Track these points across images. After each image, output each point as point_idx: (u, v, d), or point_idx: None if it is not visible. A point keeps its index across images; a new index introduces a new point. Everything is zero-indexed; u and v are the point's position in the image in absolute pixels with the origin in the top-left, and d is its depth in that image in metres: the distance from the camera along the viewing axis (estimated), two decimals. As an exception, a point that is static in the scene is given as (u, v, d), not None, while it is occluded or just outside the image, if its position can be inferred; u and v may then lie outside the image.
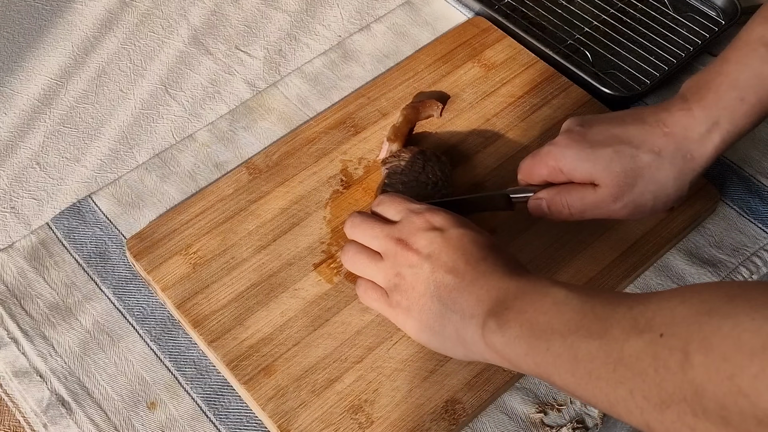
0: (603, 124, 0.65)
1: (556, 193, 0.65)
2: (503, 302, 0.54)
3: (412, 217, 0.60)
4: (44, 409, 0.64)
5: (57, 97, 0.83)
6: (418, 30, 0.87)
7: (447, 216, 0.59)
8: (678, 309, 0.44)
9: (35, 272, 0.70)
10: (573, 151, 0.63)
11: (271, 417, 0.61)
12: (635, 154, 0.62)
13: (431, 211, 0.60)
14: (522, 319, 0.52)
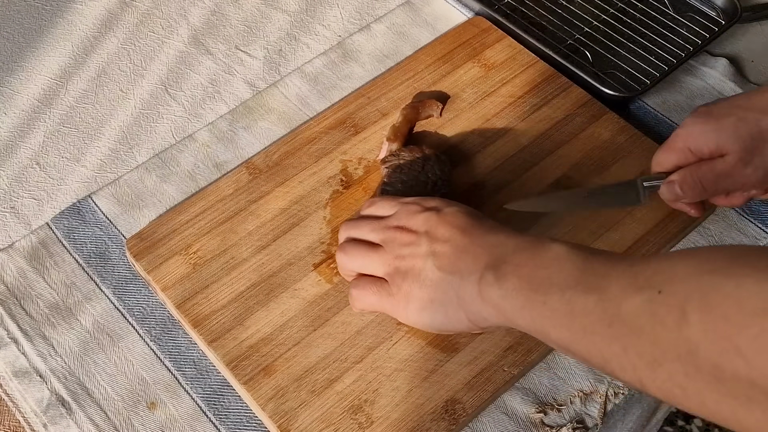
0: (726, 100, 0.67)
1: (687, 172, 0.66)
2: (501, 257, 0.54)
3: (407, 206, 0.62)
4: (44, 409, 0.64)
5: (57, 97, 0.83)
6: (418, 30, 0.87)
7: (440, 199, 0.62)
8: (679, 267, 0.44)
9: (35, 272, 0.70)
10: (699, 127, 0.65)
11: (271, 417, 0.61)
12: (760, 118, 0.63)
13: (424, 198, 0.62)
14: (520, 273, 0.53)
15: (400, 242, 0.60)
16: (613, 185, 0.70)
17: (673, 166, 0.67)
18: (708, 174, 0.65)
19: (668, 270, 0.45)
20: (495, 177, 0.74)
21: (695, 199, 0.67)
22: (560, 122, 0.77)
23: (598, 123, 0.77)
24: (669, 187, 0.67)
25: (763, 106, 0.64)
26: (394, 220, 0.62)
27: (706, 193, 0.66)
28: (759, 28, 0.88)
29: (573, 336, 0.49)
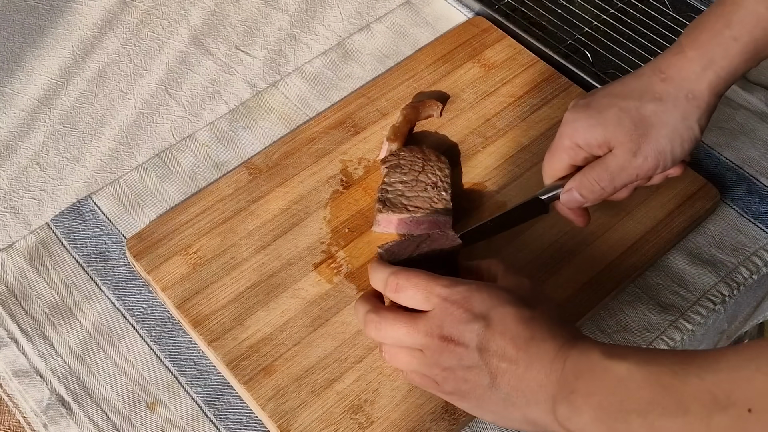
0: (604, 89, 0.66)
1: (581, 175, 0.65)
2: (566, 385, 0.52)
3: (449, 307, 0.55)
4: (44, 409, 0.64)
5: (57, 97, 0.83)
6: (418, 30, 0.87)
7: (482, 295, 0.55)
8: (758, 381, 0.43)
9: (35, 272, 0.70)
10: (582, 122, 0.64)
11: (271, 417, 0.61)
12: (639, 105, 0.63)
13: (465, 295, 0.55)
14: (592, 402, 0.50)
15: (449, 357, 0.55)
16: (514, 208, 0.69)
17: (565, 169, 0.66)
18: (602, 173, 0.64)
19: (746, 384, 0.44)
20: (495, 177, 0.74)
21: (596, 201, 0.65)
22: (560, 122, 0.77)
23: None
24: (569, 196, 0.66)
25: (641, 91, 0.63)
26: (437, 327, 0.55)
27: (605, 193, 0.65)
28: (759, 28, 0.88)
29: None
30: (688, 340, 0.68)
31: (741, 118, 0.80)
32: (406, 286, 0.57)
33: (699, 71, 0.62)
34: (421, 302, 0.56)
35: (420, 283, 0.56)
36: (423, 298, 0.56)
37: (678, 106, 0.62)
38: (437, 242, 0.62)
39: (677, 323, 0.68)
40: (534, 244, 0.70)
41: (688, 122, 0.63)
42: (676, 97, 0.62)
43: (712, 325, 0.70)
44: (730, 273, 0.70)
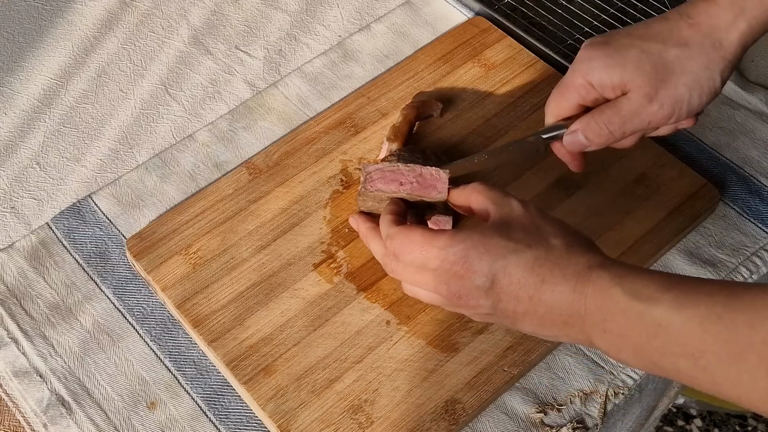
0: (625, 30, 0.63)
1: (591, 117, 0.62)
2: (595, 325, 0.50)
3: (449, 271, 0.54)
4: (44, 409, 0.64)
5: (57, 97, 0.83)
6: (418, 30, 0.87)
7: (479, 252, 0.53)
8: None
9: (35, 272, 0.70)
10: (600, 61, 0.61)
11: (271, 417, 0.61)
12: (662, 49, 0.60)
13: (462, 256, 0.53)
14: (630, 343, 0.49)
15: (464, 308, 0.55)
16: (512, 143, 0.66)
17: (573, 108, 0.63)
18: (614, 117, 0.60)
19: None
20: (495, 177, 0.74)
21: (601, 146, 0.63)
22: (560, 122, 0.77)
23: (598, 123, 0.77)
24: (572, 137, 0.63)
25: (665, 35, 0.60)
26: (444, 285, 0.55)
27: (612, 138, 0.62)
28: (759, 28, 0.88)
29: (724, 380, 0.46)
30: (688, 340, 0.68)
31: (741, 118, 0.80)
32: (403, 251, 0.56)
33: (730, 19, 0.59)
34: (422, 266, 0.55)
35: (415, 250, 0.55)
36: (422, 262, 0.55)
37: (703, 53, 0.59)
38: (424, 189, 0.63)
39: (677, 323, 0.68)
40: (534, 244, 0.70)
41: (710, 72, 0.60)
42: (702, 45, 0.59)
43: (712, 325, 0.70)
44: (730, 273, 0.70)
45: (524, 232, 0.53)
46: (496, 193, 0.57)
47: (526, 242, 0.53)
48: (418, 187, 0.63)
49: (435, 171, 0.62)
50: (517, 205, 0.55)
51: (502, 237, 0.53)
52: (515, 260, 0.52)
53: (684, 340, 0.46)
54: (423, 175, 0.63)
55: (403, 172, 0.63)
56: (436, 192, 0.62)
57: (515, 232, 0.53)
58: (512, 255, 0.52)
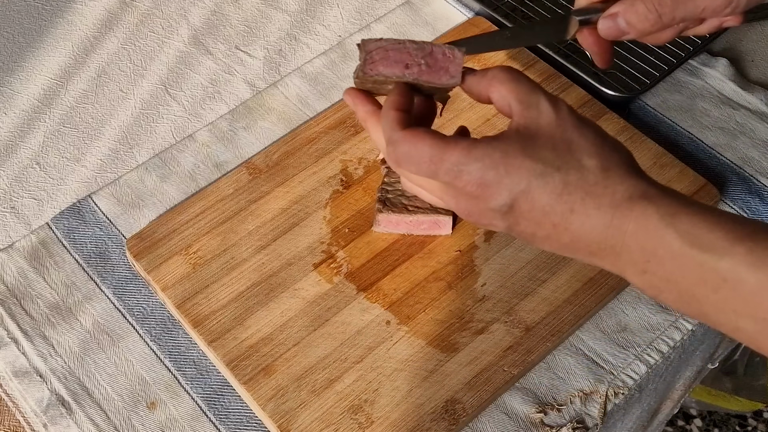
0: None
1: (640, 2, 0.54)
2: (634, 264, 0.45)
3: (462, 195, 0.47)
4: (44, 409, 0.64)
5: (57, 97, 0.83)
6: (418, 30, 0.87)
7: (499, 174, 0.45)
8: None
9: (35, 272, 0.70)
10: None
11: (271, 417, 0.61)
12: None
13: (478, 180, 0.46)
14: (678, 289, 0.44)
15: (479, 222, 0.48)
16: (541, 21, 0.61)
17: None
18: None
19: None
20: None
21: (642, 33, 0.55)
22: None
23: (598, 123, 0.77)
24: (610, 21, 0.55)
25: None
26: (454, 204, 0.49)
27: (659, 23, 0.54)
28: (759, 28, 0.88)
29: None
30: (688, 340, 0.68)
31: (741, 118, 0.80)
32: (409, 162, 0.48)
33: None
34: (430, 178, 0.48)
35: (423, 163, 0.47)
36: (431, 176, 0.47)
37: None
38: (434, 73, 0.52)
39: (677, 323, 0.68)
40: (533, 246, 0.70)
41: None
42: None
43: (712, 325, 0.70)
44: (730, 273, 0.70)
45: (553, 149, 0.46)
46: (523, 85, 0.48)
47: (554, 163, 0.45)
48: (426, 70, 0.52)
49: (448, 49, 0.52)
50: (547, 108, 0.47)
51: (526, 155, 0.45)
52: (540, 185, 0.45)
53: (757, 300, 0.41)
54: (434, 55, 0.52)
55: (410, 50, 0.52)
56: (447, 76, 0.52)
57: (542, 149, 0.46)
58: (537, 179, 0.45)
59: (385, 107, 0.50)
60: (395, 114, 0.49)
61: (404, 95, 0.51)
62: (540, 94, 0.47)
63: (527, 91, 0.47)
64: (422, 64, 0.52)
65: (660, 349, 0.67)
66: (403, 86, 0.51)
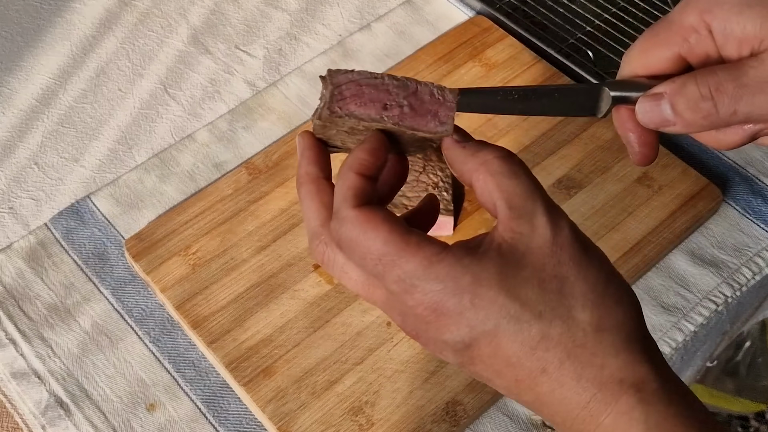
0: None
1: (689, 77, 0.40)
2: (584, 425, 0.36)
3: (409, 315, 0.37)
4: (43, 410, 0.64)
5: (56, 97, 0.83)
6: (418, 29, 0.86)
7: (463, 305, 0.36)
8: None
9: (33, 273, 0.70)
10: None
11: (270, 419, 0.61)
12: None
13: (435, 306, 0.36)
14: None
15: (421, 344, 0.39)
16: (567, 87, 0.45)
17: (667, 61, 0.41)
18: (728, 83, 0.38)
19: None
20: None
21: (691, 128, 0.40)
22: (562, 122, 0.77)
23: (600, 123, 0.76)
24: (651, 103, 0.40)
25: None
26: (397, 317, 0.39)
27: (714, 119, 0.40)
28: (761, 28, 0.88)
29: None
30: (691, 341, 0.68)
31: (743, 118, 0.80)
32: (353, 252, 0.37)
33: None
34: (374, 278, 0.38)
35: (369, 258, 0.37)
36: (376, 276, 0.37)
37: None
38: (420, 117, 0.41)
39: (679, 324, 0.67)
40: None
41: None
42: None
43: (714, 326, 0.70)
44: (733, 274, 0.70)
45: (538, 286, 0.36)
46: (520, 187, 0.37)
47: (535, 307, 0.35)
48: (410, 113, 0.41)
49: (437, 89, 0.41)
50: (544, 225, 0.36)
51: (502, 288, 0.35)
52: (511, 331, 0.35)
53: None
54: (419, 95, 0.41)
55: (390, 88, 0.41)
56: (436, 122, 0.41)
57: (525, 284, 0.36)
58: (509, 323, 0.35)
59: (345, 165, 0.39)
60: (356, 180, 0.38)
61: (377, 153, 0.39)
62: (538, 203, 0.37)
63: (522, 195, 0.37)
64: (405, 105, 0.41)
65: (662, 351, 0.66)
66: (380, 139, 0.40)
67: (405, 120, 0.41)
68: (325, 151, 0.42)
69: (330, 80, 0.41)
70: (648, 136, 0.42)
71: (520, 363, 0.36)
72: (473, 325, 0.36)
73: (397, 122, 0.41)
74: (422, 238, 0.37)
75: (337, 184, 0.39)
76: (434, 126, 0.41)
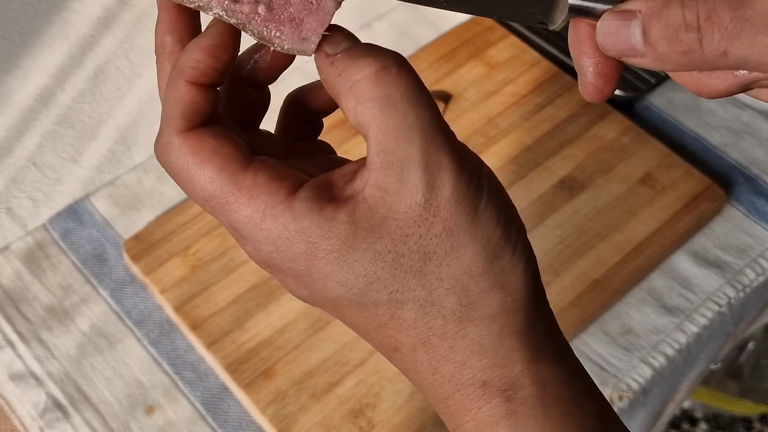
0: None
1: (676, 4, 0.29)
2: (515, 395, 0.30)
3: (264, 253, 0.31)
4: (41, 413, 0.63)
5: (54, 97, 0.82)
6: (420, 28, 0.86)
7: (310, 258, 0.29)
8: None
9: (31, 274, 0.70)
10: None
11: (270, 421, 0.60)
12: None
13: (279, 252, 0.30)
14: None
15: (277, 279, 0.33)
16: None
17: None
18: (726, 14, 0.28)
19: None
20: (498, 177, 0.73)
21: (667, 64, 0.30)
22: (564, 122, 0.76)
23: (602, 123, 0.76)
24: (619, 22, 0.30)
25: None
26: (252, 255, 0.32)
27: (697, 55, 0.29)
28: (765, 27, 0.87)
29: None
30: (694, 343, 0.67)
31: (747, 118, 0.79)
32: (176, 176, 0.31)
33: None
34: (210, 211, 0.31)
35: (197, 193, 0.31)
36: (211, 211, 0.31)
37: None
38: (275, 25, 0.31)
39: (682, 326, 0.67)
40: (537, 246, 0.69)
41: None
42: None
43: (717, 327, 0.69)
44: (736, 275, 0.70)
45: (393, 265, 0.29)
46: (395, 121, 0.29)
47: (385, 288, 0.29)
48: (265, 14, 0.31)
49: None
50: (416, 184, 0.28)
51: (344, 264, 0.29)
52: (354, 309, 0.30)
53: None
54: None
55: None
56: (296, 36, 0.31)
57: (376, 260, 0.29)
58: (351, 302, 0.30)
59: (175, 69, 0.31)
60: (186, 93, 0.31)
61: (219, 51, 0.31)
62: (415, 147, 0.28)
63: (396, 134, 0.28)
64: (262, 1, 0.31)
65: (665, 352, 0.66)
66: (226, 31, 0.31)
67: (253, 24, 0.31)
68: (191, 13, 0.33)
69: None
70: (606, 65, 0.32)
71: (369, 335, 0.30)
72: (312, 291, 0.30)
73: (242, 24, 0.31)
74: (260, 179, 0.29)
75: (164, 96, 0.31)
76: (292, 41, 0.31)
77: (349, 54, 0.30)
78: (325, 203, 0.29)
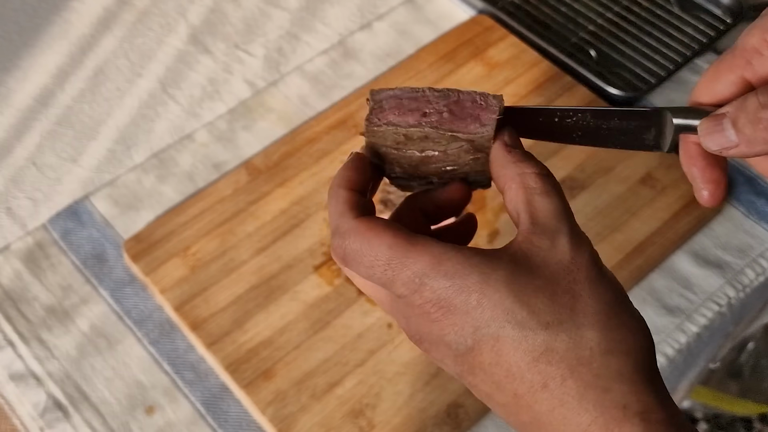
0: None
1: (753, 96, 0.37)
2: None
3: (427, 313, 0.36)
4: (41, 413, 0.63)
5: (54, 97, 0.82)
6: (420, 28, 0.86)
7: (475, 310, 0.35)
8: None
9: (31, 274, 0.70)
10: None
11: (270, 421, 0.60)
12: None
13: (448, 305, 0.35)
14: None
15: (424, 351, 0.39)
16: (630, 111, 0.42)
17: (732, 86, 0.39)
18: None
19: None
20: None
21: (756, 145, 0.37)
22: (564, 122, 0.76)
23: (602, 123, 0.76)
24: (712, 124, 0.38)
25: None
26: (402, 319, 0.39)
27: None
28: (765, 27, 0.87)
29: None
30: (694, 343, 0.67)
31: (747, 118, 0.79)
32: (358, 263, 0.37)
33: None
34: (374, 293, 0.39)
35: (377, 266, 0.36)
36: (383, 284, 0.37)
37: None
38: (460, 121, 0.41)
39: (682, 326, 0.67)
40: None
41: None
42: None
43: (718, 327, 0.69)
44: (736, 275, 0.70)
45: (550, 298, 0.35)
46: (551, 206, 0.37)
47: (543, 317, 0.34)
48: (449, 117, 0.41)
49: (480, 96, 0.41)
50: (565, 245, 0.36)
51: (510, 292, 0.35)
52: (515, 339, 0.34)
53: None
54: (461, 102, 0.41)
55: (430, 98, 0.42)
56: (477, 125, 0.41)
57: (535, 293, 0.35)
58: (514, 328, 0.34)
59: (333, 185, 0.39)
60: (348, 194, 0.39)
61: (359, 169, 0.40)
62: (563, 224, 0.36)
63: (549, 215, 0.37)
64: (444, 111, 0.41)
65: (665, 352, 0.66)
66: (360, 158, 0.40)
67: (444, 124, 0.40)
68: (370, 170, 0.41)
69: (372, 98, 0.41)
70: (713, 173, 0.41)
71: (521, 374, 0.34)
72: (477, 325, 0.35)
73: (435, 126, 0.40)
74: (428, 240, 0.36)
75: (330, 204, 0.39)
76: (474, 128, 0.40)
77: (522, 152, 0.39)
78: (487, 252, 0.36)
